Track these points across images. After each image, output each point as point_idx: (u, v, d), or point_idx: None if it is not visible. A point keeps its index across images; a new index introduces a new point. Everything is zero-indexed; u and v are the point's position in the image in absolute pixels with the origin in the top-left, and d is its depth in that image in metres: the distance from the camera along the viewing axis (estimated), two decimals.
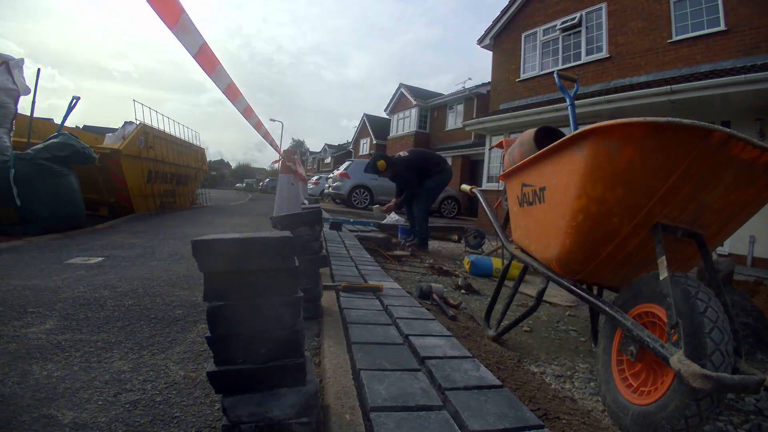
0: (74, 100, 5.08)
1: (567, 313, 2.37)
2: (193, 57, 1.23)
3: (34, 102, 4.40)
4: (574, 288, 1.31)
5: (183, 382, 1.10)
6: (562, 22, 8.61)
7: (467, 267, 3.31)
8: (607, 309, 1.17)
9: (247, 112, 2.17)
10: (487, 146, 9.58)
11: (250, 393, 0.77)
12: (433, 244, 5.06)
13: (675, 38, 6.72)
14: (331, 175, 13.22)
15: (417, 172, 4.52)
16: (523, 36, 9.63)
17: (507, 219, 1.88)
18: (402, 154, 4.78)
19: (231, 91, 1.69)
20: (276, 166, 4.46)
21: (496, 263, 3.26)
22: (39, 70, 4.41)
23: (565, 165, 1.27)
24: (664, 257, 1.08)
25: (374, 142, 24.26)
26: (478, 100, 15.68)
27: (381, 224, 5.69)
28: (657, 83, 6.36)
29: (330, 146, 38.56)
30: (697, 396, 0.90)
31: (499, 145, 4.55)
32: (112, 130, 6.27)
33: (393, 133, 20.90)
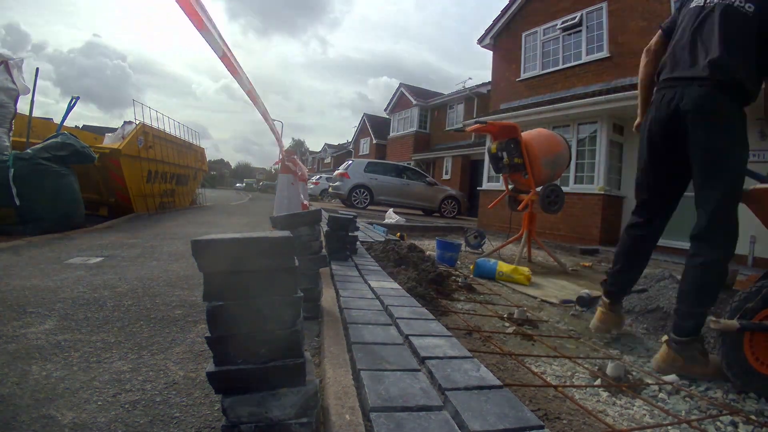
0: (74, 100, 5.09)
1: (570, 313, 2.37)
2: (220, 59, 1.34)
3: (33, 102, 4.40)
4: None
5: (183, 383, 1.10)
6: (563, 22, 8.60)
7: (472, 269, 3.31)
8: None
9: (264, 115, 2.26)
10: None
11: (249, 393, 0.76)
12: (433, 244, 5.04)
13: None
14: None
15: None
16: (523, 35, 9.62)
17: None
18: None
19: (251, 95, 1.77)
20: (277, 166, 4.45)
21: (501, 267, 3.13)
22: (38, 69, 4.42)
23: None
24: None
25: (374, 141, 24.26)
26: (478, 100, 15.67)
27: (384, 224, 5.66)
28: None
29: (330, 146, 38.57)
30: None
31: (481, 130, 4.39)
32: (112, 130, 6.28)
33: (393, 133, 20.88)
